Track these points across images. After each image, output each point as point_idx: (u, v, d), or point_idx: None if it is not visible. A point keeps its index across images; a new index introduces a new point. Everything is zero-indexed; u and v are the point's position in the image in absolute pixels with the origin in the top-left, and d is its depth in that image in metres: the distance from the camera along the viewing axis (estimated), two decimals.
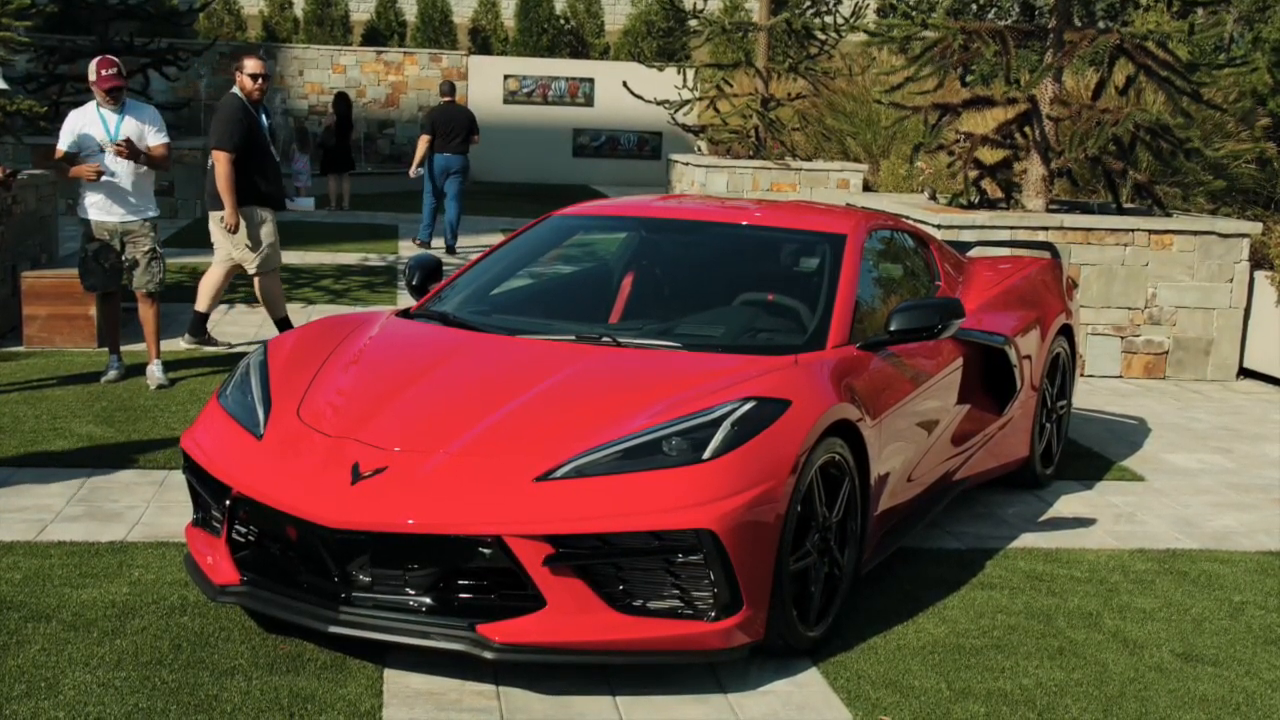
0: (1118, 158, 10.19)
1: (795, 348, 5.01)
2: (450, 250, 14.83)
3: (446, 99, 15.37)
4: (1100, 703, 4.23)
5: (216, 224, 8.94)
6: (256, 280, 9.11)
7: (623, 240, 6.30)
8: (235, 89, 8.94)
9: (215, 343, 9.18)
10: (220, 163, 8.68)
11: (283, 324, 9.04)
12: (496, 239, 14.20)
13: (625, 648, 4.04)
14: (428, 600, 4.05)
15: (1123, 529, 6.08)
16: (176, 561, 5.04)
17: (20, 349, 8.85)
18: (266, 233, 8.96)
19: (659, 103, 16.54)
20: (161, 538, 5.34)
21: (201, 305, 9.11)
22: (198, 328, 9.13)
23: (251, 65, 8.90)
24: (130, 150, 7.71)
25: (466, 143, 15.03)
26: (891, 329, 5.11)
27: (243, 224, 8.84)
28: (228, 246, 8.96)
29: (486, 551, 3.99)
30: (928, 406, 5.45)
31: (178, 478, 5.98)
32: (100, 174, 7.73)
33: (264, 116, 9.03)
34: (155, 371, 7.94)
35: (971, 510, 6.19)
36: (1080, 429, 7.81)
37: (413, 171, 15.30)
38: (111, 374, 8.01)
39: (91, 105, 7.92)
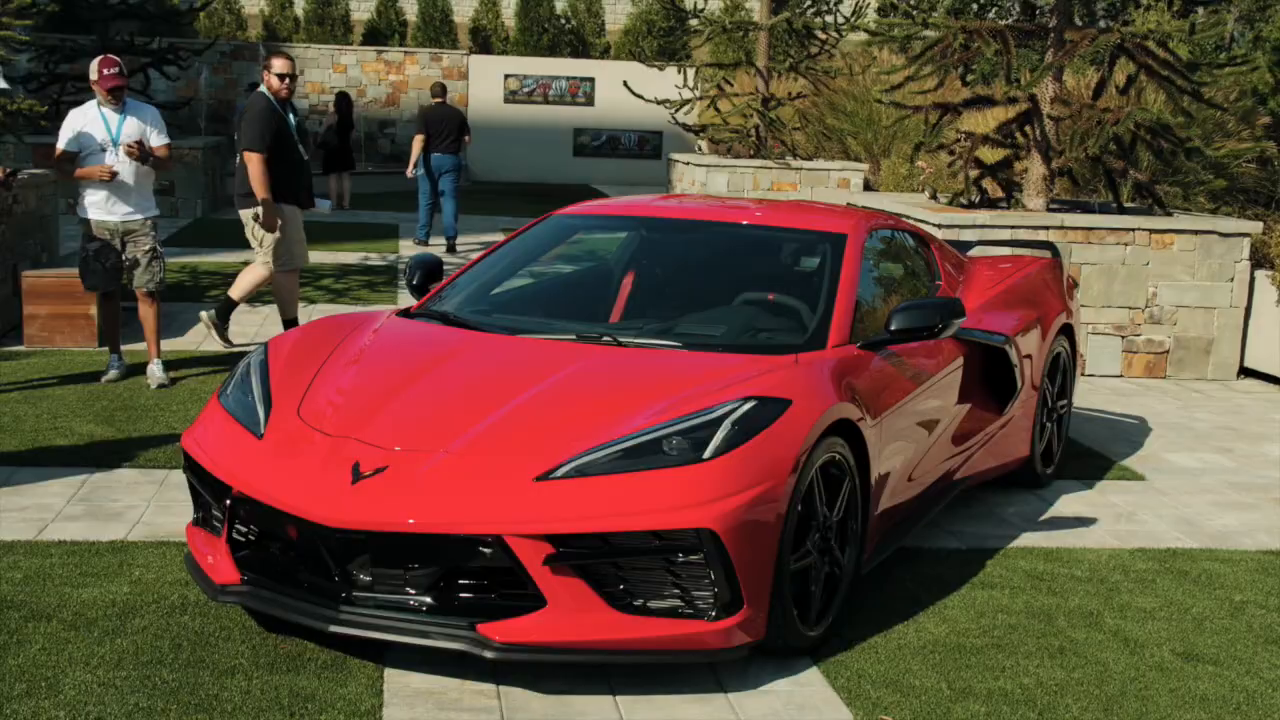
0: (1118, 157, 10.19)
1: (796, 347, 5.01)
2: (450, 249, 14.86)
3: (438, 99, 15.46)
4: (1100, 702, 4.23)
5: (250, 222, 8.92)
6: (274, 277, 9.09)
7: (623, 240, 6.30)
8: (262, 88, 8.91)
9: (226, 340, 9.15)
10: (253, 164, 8.65)
11: (290, 324, 9.01)
12: (496, 238, 14.22)
13: (625, 647, 4.04)
14: (428, 599, 4.05)
15: (1123, 528, 6.08)
16: (177, 561, 5.04)
17: (20, 348, 8.84)
18: (292, 231, 8.95)
19: (659, 102, 16.55)
20: (162, 537, 5.34)
21: (236, 294, 9.08)
22: (224, 313, 9.12)
23: (280, 65, 8.89)
24: (141, 151, 7.72)
25: (458, 142, 15.12)
26: (892, 328, 5.11)
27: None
28: (260, 243, 8.95)
29: (487, 551, 3.99)
30: (928, 406, 5.45)
31: (178, 477, 5.98)
32: (114, 175, 7.74)
33: (291, 115, 9.02)
34: (155, 371, 7.94)
35: (971, 510, 6.19)
36: (1081, 428, 7.81)
37: (409, 172, 15.39)
38: (112, 373, 8.01)
39: (92, 104, 7.92)
